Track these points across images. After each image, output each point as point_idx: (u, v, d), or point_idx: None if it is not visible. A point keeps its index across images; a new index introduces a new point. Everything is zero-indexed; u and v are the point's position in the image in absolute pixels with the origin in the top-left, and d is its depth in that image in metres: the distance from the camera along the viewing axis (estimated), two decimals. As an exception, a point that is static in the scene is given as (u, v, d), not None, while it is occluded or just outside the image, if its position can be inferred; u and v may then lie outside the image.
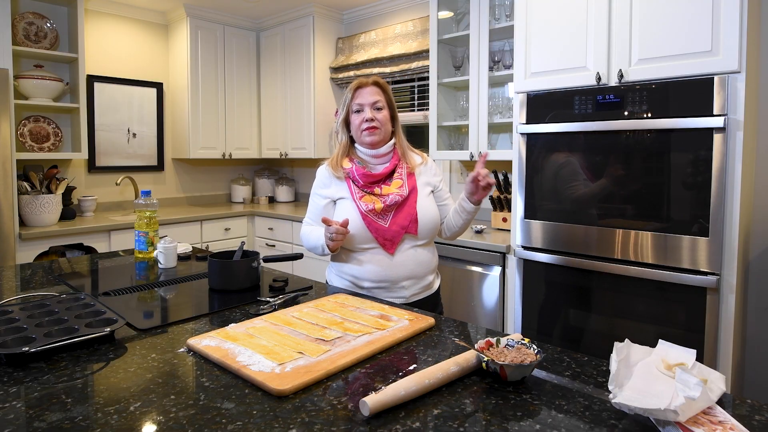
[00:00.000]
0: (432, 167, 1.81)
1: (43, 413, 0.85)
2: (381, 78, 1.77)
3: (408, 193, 1.68)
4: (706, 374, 0.92)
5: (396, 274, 1.66)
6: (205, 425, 0.81)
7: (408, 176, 1.71)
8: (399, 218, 1.65)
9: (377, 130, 1.68)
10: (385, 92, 1.73)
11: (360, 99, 1.69)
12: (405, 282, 1.67)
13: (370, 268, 1.66)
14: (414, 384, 0.90)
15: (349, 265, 1.71)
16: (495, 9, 2.95)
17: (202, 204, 4.58)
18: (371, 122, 1.67)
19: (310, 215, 1.81)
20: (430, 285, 1.75)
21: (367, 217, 1.64)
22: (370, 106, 1.68)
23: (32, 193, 3.22)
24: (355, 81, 1.74)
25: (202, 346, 1.11)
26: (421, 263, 1.69)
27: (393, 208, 1.66)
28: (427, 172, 1.78)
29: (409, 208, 1.66)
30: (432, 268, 1.75)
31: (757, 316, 2.34)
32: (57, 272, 1.93)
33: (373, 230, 1.64)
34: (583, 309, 2.29)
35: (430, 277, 1.75)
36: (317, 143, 4.13)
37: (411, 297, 1.69)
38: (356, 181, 1.70)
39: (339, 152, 1.77)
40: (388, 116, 1.72)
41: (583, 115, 2.23)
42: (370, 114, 1.67)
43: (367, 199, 1.67)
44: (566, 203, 2.31)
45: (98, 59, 3.92)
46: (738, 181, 1.88)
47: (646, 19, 2.06)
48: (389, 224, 1.64)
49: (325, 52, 4.17)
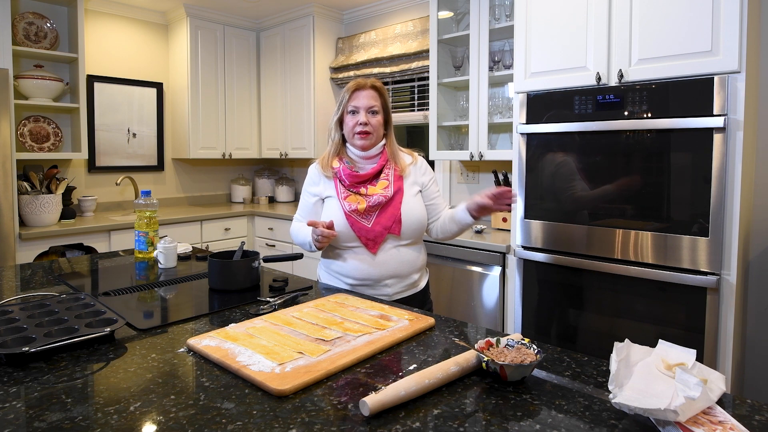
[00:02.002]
0: (422, 166, 1.81)
1: (43, 413, 0.85)
2: (379, 81, 1.77)
3: (393, 194, 1.68)
4: (706, 374, 0.92)
5: (379, 273, 1.67)
6: (205, 425, 0.81)
7: (395, 177, 1.72)
8: (382, 219, 1.66)
9: (369, 135, 1.70)
10: (382, 96, 1.74)
11: (356, 101, 1.70)
12: (388, 280, 1.68)
13: (353, 266, 1.69)
14: (414, 384, 0.90)
15: (335, 262, 1.74)
16: (495, 9, 2.95)
17: (202, 204, 4.58)
18: (365, 126, 1.68)
19: (300, 212, 1.84)
20: (416, 283, 1.76)
21: (350, 217, 1.66)
22: (366, 110, 1.69)
23: (32, 193, 3.22)
24: (353, 81, 1.74)
25: (202, 346, 1.11)
26: (404, 262, 1.70)
27: (376, 208, 1.67)
28: (416, 171, 1.78)
29: (393, 209, 1.67)
30: (417, 267, 1.75)
31: (757, 316, 2.34)
32: (57, 272, 1.93)
33: (356, 230, 1.66)
34: (583, 309, 2.29)
35: (416, 276, 1.75)
36: (317, 143, 4.13)
37: (395, 295, 1.70)
38: (343, 181, 1.72)
39: (330, 150, 1.78)
40: (381, 121, 1.73)
41: (583, 115, 2.23)
42: (365, 118, 1.68)
43: (351, 199, 1.69)
44: (566, 203, 2.31)
45: (98, 59, 3.92)
46: (738, 181, 1.88)
47: (646, 19, 2.06)
48: (372, 224, 1.66)
49: (325, 52, 4.17)
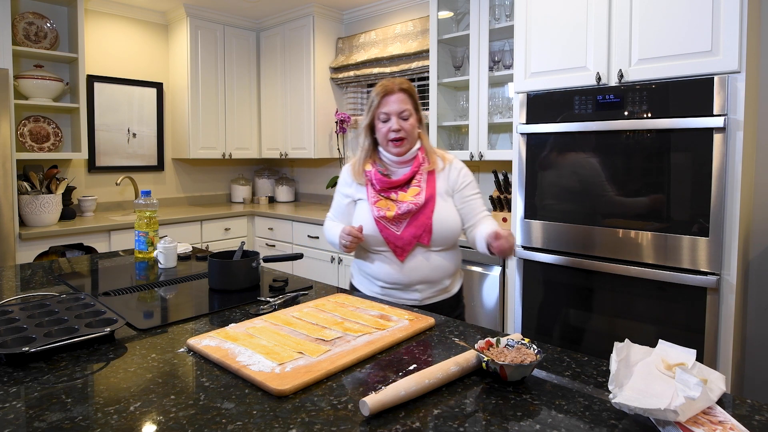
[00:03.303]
0: (456, 168, 1.71)
1: (43, 413, 0.85)
2: (407, 81, 1.68)
3: (424, 202, 1.62)
4: (706, 374, 0.92)
5: (408, 278, 1.64)
6: (205, 425, 0.81)
7: (427, 183, 1.65)
8: (412, 227, 1.61)
9: (404, 141, 1.63)
10: (412, 97, 1.66)
11: (386, 107, 1.62)
12: (418, 286, 1.65)
13: (383, 270, 1.66)
14: (414, 384, 0.90)
15: (366, 264, 1.72)
16: (495, 9, 2.95)
17: (202, 204, 4.58)
18: (398, 133, 1.61)
19: (332, 211, 1.81)
20: (447, 288, 1.71)
21: (379, 223, 1.63)
22: (397, 116, 1.61)
23: (32, 193, 3.22)
24: (380, 85, 1.65)
25: (202, 346, 1.11)
26: (435, 268, 1.65)
27: (406, 216, 1.61)
28: (448, 175, 1.69)
29: (425, 218, 1.61)
30: (449, 273, 1.69)
31: (757, 316, 2.34)
32: (57, 272, 1.92)
33: (385, 236, 1.62)
34: (583, 309, 2.29)
35: (447, 281, 1.70)
36: (317, 143, 4.13)
37: (425, 300, 1.67)
38: (374, 185, 1.67)
39: (361, 156, 1.72)
40: (415, 124, 1.65)
41: (583, 115, 2.23)
42: (397, 125, 1.61)
43: (381, 204, 1.64)
44: (566, 203, 2.31)
45: (98, 59, 3.92)
46: (738, 181, 1.88)
47: (646, 19, 2.06)
48: (402, 232, 1.61)
49: (325, 52, 4.17)
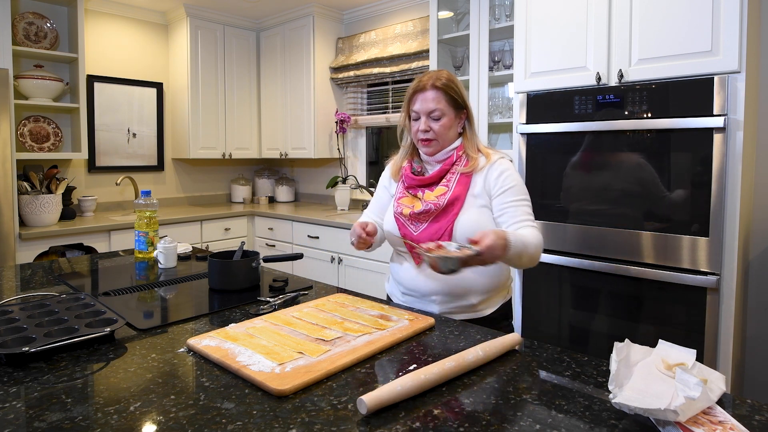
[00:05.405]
0: (497, 169, 1.51)
1: (43, 413, 0.85)
2: (444, 76, 1.53)
3: (447, 203, 1.47)
4: (706, 374, 0.92)
5: (424, 286, 1.50)
6: (205, 425, 0.81)
7: (458, 183, 1.50)
8: (431, 229, 1.48)
9: (432, 142, 1.52)
10: (447, 93, 1.51)
11: (416, 106, 1.53)
12: (434, 296, 1.50)
13: (403, 272, 1.57)
14: (410, 380, 0.90)
15: (394, 265, 1.64)
16: (495, 9, 2.95)
17: (202, 204, 4.58)
18: (426, 134, 1.52)
19: (370, 205, 1.75)
20: (474, 308, 1.50)
21: (398, 220, 1.55)
22: (426, 115, 1.51)
23: (32, 193, 3.22)
24: (416, 79, 1.56)
25: (202, 346, 1.11)
26: (457, 280, 1.45)
27: (426, 217, 1.50)
28: (486, 176, 1.51)
29: (447, 221, 1.47)
30: (478, 290, 1.48)
31: (757, 316, 2.34)
32: (57, 272, 1.92)
33: (403, 234, 1.53)
34: (583, 309, 2.29)
35: (474, 299, 1.49)
36: (317, 143, 4.13)
37: (443, 315, 1.45)
38: (403, 182, 1.61)
39: (401, 154, 1.66)
40: (448, 124, 1.52)
41: (583, 115, 2.23)
42: (425, 125, 1.51)
43: (405, 201, 1.56)
44: (566, 203, 2.31)
45: (98, 59, 3.92)
46: (738, 181, 1.88)
47: (646, 19, 2.06)
48: (419, 233, 1.49)
49: (325, 52, 4.17)
